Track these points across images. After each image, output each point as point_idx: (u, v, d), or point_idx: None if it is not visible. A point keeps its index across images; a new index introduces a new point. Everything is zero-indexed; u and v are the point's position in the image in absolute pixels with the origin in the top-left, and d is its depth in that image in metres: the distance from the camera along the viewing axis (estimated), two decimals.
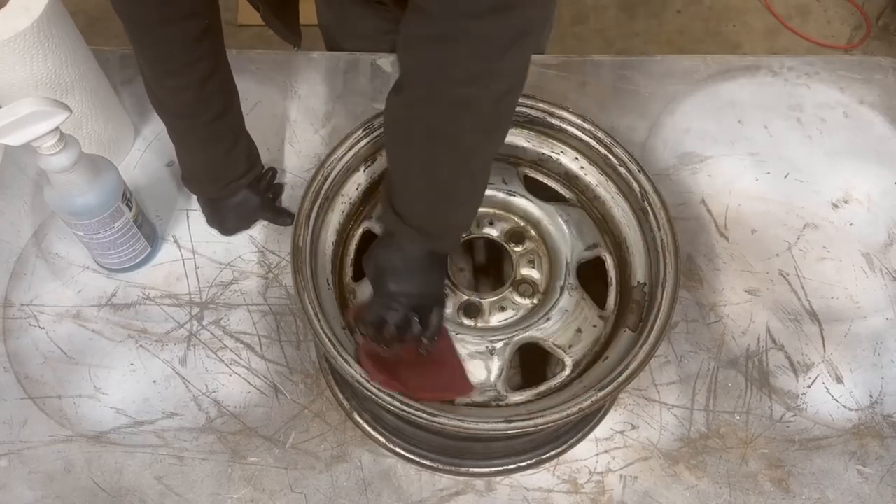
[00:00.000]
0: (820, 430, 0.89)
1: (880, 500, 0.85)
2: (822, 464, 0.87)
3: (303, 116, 1.10)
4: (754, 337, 0.94)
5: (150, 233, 0.96)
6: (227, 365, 0.91)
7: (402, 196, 0.74)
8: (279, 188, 1.03)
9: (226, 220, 0.98)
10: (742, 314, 0.96)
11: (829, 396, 0.91)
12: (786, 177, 1.07)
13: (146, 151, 1.07)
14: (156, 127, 1.08)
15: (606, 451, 0.87)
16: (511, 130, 0.92)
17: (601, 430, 0.88)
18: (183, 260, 0.98)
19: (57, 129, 0.76)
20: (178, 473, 0.85)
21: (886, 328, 0.95)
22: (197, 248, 0.99)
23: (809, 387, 0.91)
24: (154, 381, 0.90)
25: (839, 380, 0.92)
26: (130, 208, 0.90)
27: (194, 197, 1.02)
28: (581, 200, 0.91)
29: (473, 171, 0.72)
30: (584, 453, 0.87)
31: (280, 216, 1.00)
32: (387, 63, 1.15)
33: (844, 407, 0.90)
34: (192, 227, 1.01)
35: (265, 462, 0.85)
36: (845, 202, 1.05)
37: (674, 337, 0.94)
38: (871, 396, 0.91)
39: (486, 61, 0.61)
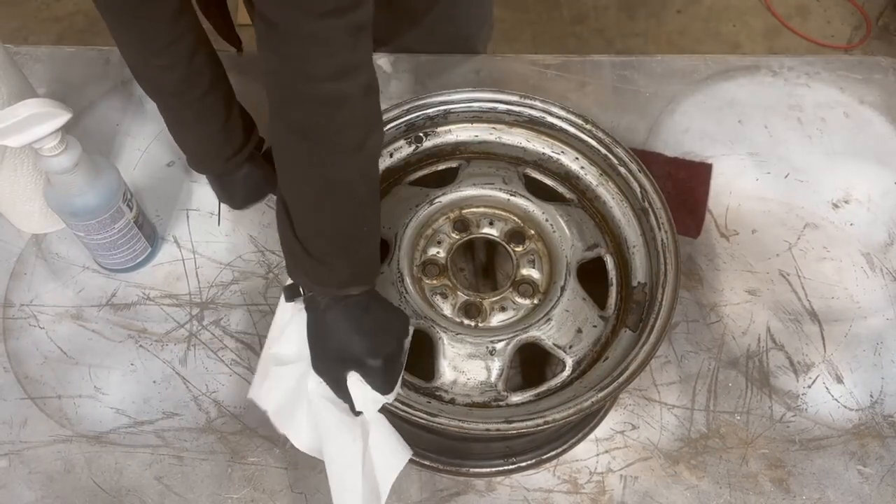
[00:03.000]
0: (820, 430, 0.89)
1: (881, 500, 0.85)
2: (822, 464, 0.87)
3: None
4: (754, 337, 0.94)
5: (150, 233, 0.96)
6: (227, 365, 0.91)
7: (300, 228, 0.70)
8: None
9: (234, 194, 0.99)
10: (742, 314, 0.96)
11: (830, 396, 0.91)
12: (786, 177, 1.07)
13: (146, 152, 1.07)
14: (155, 127, 1.08)
15: (607, 451, 0.87)
16: (512, 130, 0.92)
17: (601, 430, 0.88)
18: (183, 260, 0.98)
19: (58, 130, 0.76)
20: (178, 473, 0.85)
21: (887, 328, 0.95)
22: (197, 248, 0.99)
23: (810, 387, 0.91)
24: (154, 381, 0.90)
25: (839, 380, 0.92)
26: (131, 209, 0.90)
27: (194, 196, 1.03)
28: (581, 200, 0.91)
29: (359, 173, 0.68)
30: (585, 453, 0.87)
31: None
32: (387, 63, 1.15)
33: (845, 407, 0.90)
34: (192, 227, 1.01)
35: (265, 462, 0.85)
36: (845, 202, 1.05)
37: (674, 337, 0.94)
38: (871, 396, 0.91)
39: (340, 56, 0.60)
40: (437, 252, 0.86)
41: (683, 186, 1.04)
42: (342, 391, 0.73)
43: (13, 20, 2.33)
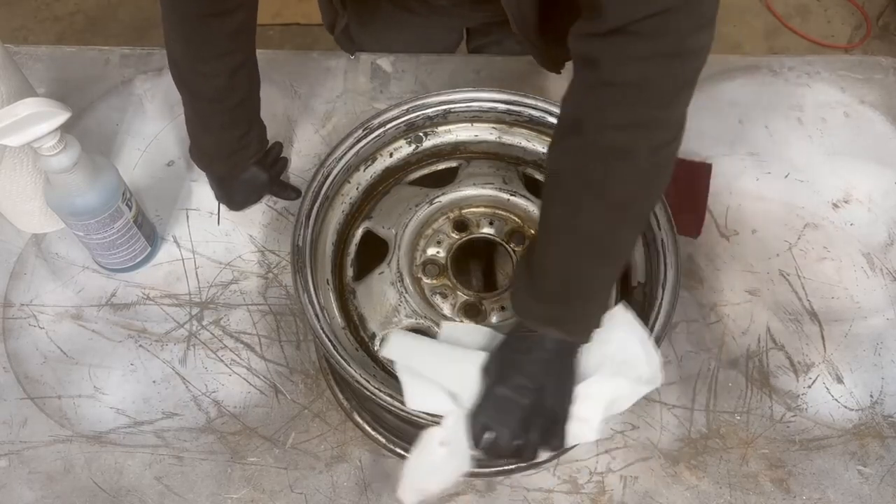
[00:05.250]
0: (820, 430, 0.89)
1: (881, 500, 0.85)
2: (822, 464, 0.87)
3: (303, 116, 1.10)
4: (755, 337, 0.94)
5: (149, 233, 0.96)
6: (226, 365, 0.91)
7: (542, 258, 0.68)
8: (284, 162, 1.05)
9: (234, 195, 0.99)
10: (742, 314, 0.96)
11: (830, 396, 0.91)
12: (786, 177, 1.07)
13: (146, 151, 1.07)
14: (155, 127, 1.08)
15: (607, 452, 0.87)
16: (512, 130, 0.92)
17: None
18: (183, 260, 0.98)
19: (57, 129, 0.76)
20: (178, 473, 0.85)
21: (887, 328, 0.95)
22: (197, 247, 0.99)
23: (810, 387, 0.91)
24: (154, 381, 0.90)
25: (839, 380, 0.92)
26: (130, 208, 0.90)
27: (194, 196, 1.03)
28: None
29: (620, 226, 0.66)
30: (585, 453, 0.87)
31: (285, 191, 1.01)
32: (387, 63, 1.15)
33: (845, 407, 0.90)
34: (191, 227, 1.01)
35: (265, 462, 0.85)
36: (846, 202, 1.05)
37: (674, 337, 0.94)
38: (871, 396, 0.91)
39: (649, 108, 0.60)
40: (437, 252, 0.86)
41: (683, 186, 1.04)
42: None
43: (13, 20, 2.33)
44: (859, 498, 0.85)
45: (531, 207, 0.88)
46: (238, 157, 0.94)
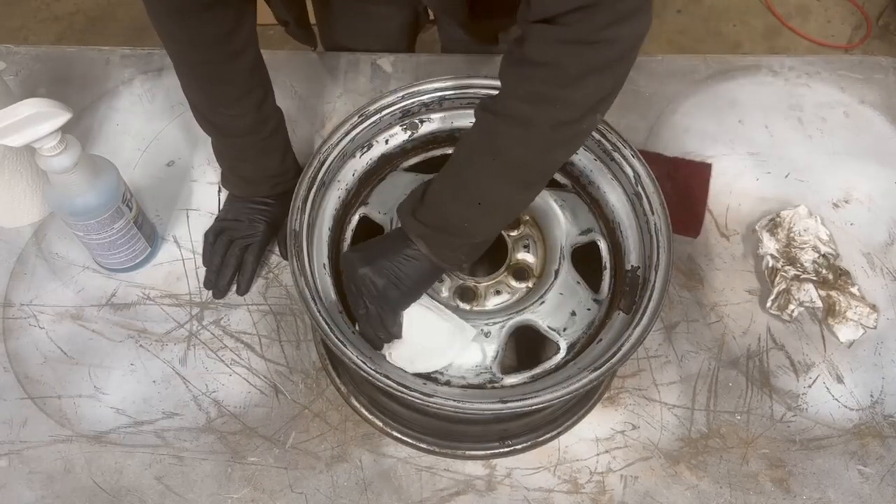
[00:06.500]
0: (821, 429, 0.89)
1: (881, 499, 0.85)
2: (822, 464, 0.87)
3: (303, 116, 1.10)
4: (755, 337, 0.94)
5: (150, 233, 0.96)
6: (227, 365, 0.91)
7: (434, 197, 0.74)
8: None
9: (281, 216, 0.97)
10: (743, 314, 0.96)
11: (830, 396, 0.91)
12: (786, 177, 1.07)
13: (146, 151, 1.07)
14: (155, 127, 1.08)
15: (607, 451, 0.87)
16: None
17: (602, 430, 0.88)
18: (183, 260, 0.98)
19: (58, 130, 0.76)
20: (178, 473, 0.85)
21: (887, 328, 0.95)
22: (197, 247, 0.99)
23: (810, 387, 0.91)
24: (154, 381, 0.90)
25: (840, 380, 0.92)
26: (130, 209, 0.90)
27: (194, 196, 1.03)
28: (575, 185, 0.91)
29: (507, 185, 0.72)
30: (585, 453, 0.87)
31: None
32: (387, 63, 1.15)
33: (845, 407, 0.90)
34: (192, 227, 1.01)
35: (265, 462, 0.85)
36: (846, 202, 1.05)
37: (674, 337, 0.94)
38: (871, 396, 0.91)
39: (553, 86, 0.64)
40: None
41: (683, 186, 1.04)
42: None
43: (13, 20, 2.33)
44: (859, 498, 0.85)
45: None
46: (279, 178, 0.95)
